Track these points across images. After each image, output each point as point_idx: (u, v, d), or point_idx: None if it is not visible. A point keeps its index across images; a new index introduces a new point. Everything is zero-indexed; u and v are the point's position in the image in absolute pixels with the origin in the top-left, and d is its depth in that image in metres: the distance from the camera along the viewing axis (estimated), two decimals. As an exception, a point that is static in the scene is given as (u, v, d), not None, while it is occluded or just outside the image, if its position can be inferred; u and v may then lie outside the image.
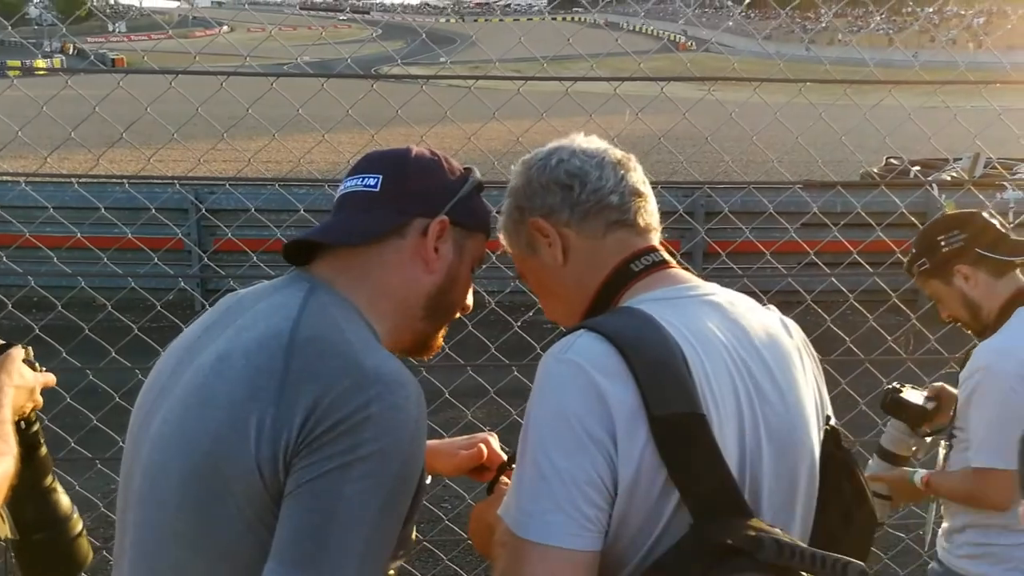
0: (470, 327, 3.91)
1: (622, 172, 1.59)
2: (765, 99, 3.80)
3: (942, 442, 2.87)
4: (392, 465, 1.27)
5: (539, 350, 3.45)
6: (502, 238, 1.69)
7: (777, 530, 1.26)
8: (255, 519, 1.27)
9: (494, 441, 1.91)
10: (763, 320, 1.52)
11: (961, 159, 8.96)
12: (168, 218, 5.47)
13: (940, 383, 2.96)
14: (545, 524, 1.27)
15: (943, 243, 2.70)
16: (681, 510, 1.28)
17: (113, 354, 4.01)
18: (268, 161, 15.16)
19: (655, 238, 1.61)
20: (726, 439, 1.33)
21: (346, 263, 1.50)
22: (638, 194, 1.59)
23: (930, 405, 2.87)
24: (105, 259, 4.48)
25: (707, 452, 1.29)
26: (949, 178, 9.33)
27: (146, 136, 4.05)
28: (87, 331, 3.97)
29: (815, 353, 1.62)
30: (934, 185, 7.22)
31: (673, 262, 1.58)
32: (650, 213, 1.61)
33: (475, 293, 1.72)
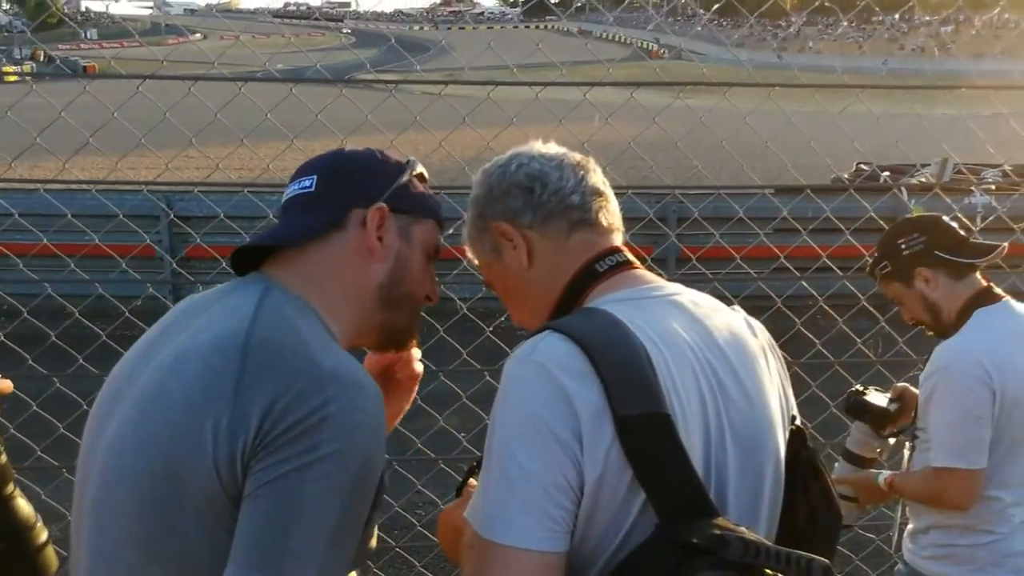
0: (442, 332, 3.91)
1: (582, 173, 1.60)
2: (736, 105, 3.84)
3: (907, 443, 2.90)
4: (351, 466, 1.26)
5: (512, 356, 3.41)
6: (467, 248, 1.69)
7: (742, 529, 1.27)
8: (214, 523, 1.26)
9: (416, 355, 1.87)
10: (728, 320, 1.52)
11: (929, 164, 9.07)
12: (139, 225, 5.42)
13: (903, 384, 3.00)
14: (512, 526, 1.27)
15: (904, 246, 2.75)
16: (647, 510, 1.29)
17: (80, 361, 3.97)
18: (240, 168, 15.10)
19: (618, 239, 1.62)
20: (691, 439, 1.33)
21: (294, 263, 1.50)
22: (599, 194, 1.60)
23: (892, 406, 2.91)
24: (72, 265, 4.43)
25: (673, 452, 1.30)
26: (918, 183, 9.43)
27: (117, 143, 4.01)
28: (53, 338, 3.93)
29: (781, 354, 1.63)
30: (903, 189, 7.30)
31: (637, 262, 1.59)
32: (612, 213, 1.62)
33: (448, 299, 1.72)
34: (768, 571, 1.21)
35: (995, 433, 2.58)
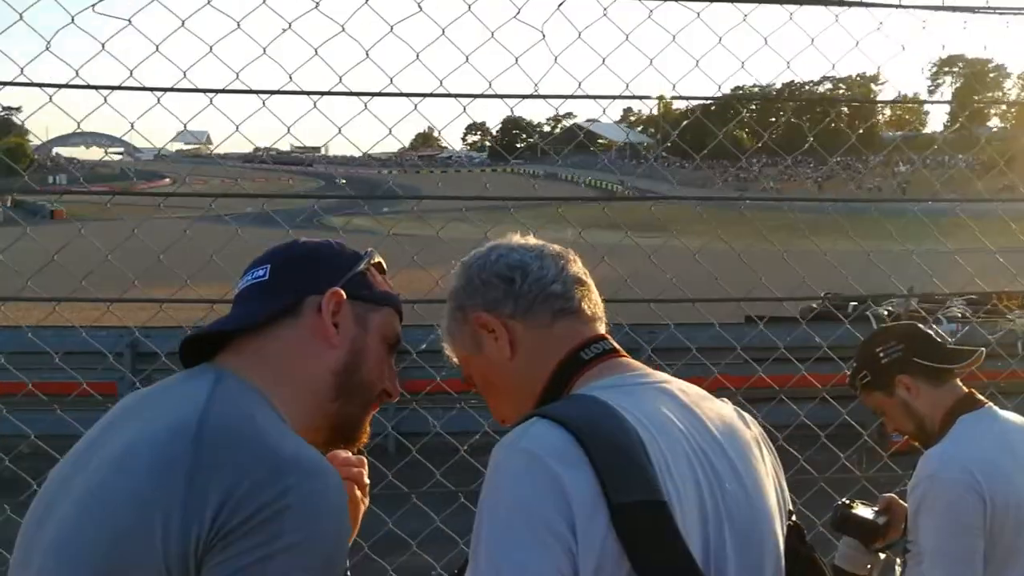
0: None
1: (562, 262, 1.58)
2: (686, 243, 3.86)
3: (897, 559, 2.77)
4: (315, 557, 1.18)
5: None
6: (446, 346, 1.65)
7: None
8: None
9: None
10: (718, 409, 1.48)
11: (894, 296, 9.28)
12: (101, 362, 5.34)
13: (890, 495, 2.88)
14: None
15: (882, 354, 2.71)
16: None
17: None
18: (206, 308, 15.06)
19: (602, 328, 1.59)
20: (689, 529, 1.27)
21: (246, 351, 1.44)
22: (581, 283, 1.58)
23: (881, 519, 2.79)
24: (58, 408, 4.32)
25: (671, 542, 1.24)
26: (886, 312, 9.58)
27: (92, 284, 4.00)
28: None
29: (773, 447, 1.58)
30: (872, 317, 7.39)
31: (623, 351, 1.55)
32: (595, 303, 1.59)
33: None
34: None
35: (987, 543, 2.47)
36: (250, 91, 2.95)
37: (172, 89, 2.99)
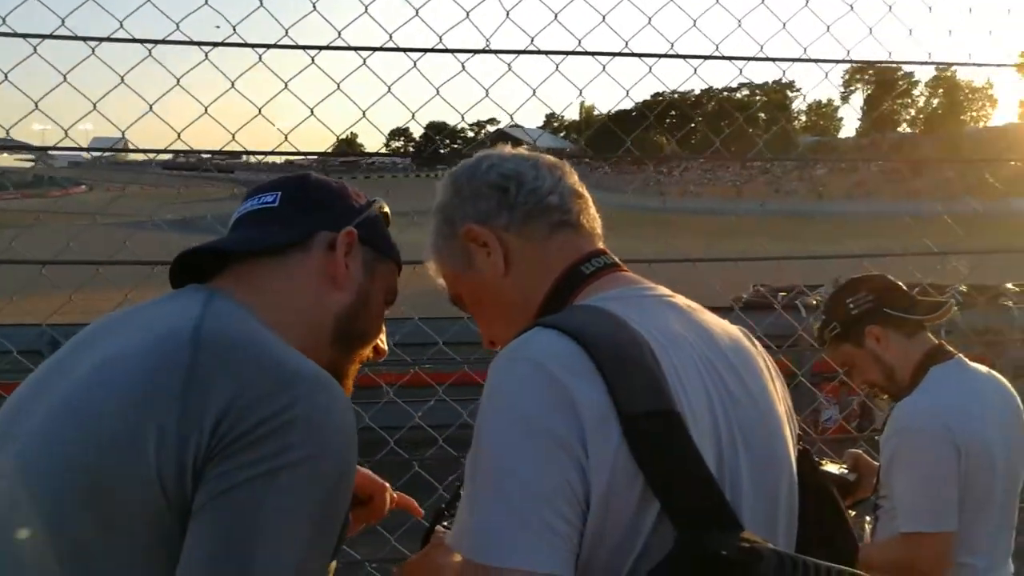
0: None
1: (559, 174, 1.47)
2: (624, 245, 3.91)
3: (867, 517, 2.72)
4: (324, 475, 1.09)
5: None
6: (431, 265, 1.53)
7: (770, 544, 1.12)
8: (155, 547, 1.06)
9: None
10: (726, 327, 1.39)
11: (823, 285, 9.51)
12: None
13: (856, 451, 2.81)
14: (509, 545, 1.09)
15: (852, 305, 2.68)
16: (662, 524, 1.12)
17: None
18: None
19: (600, 243, 1.49)
20: (703, 443, 1.17)
21: (244, 278, 1.32)
22: (579, 196, 1.48)
23: (851, 476, 2.70)
24: None
25: (687, 455, 1.14)
26: (815, 302, 9.82)
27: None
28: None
29: (779, 371, 1.48)
30: (801, 306, 7.53)
31: (624, 266, 1.45)
32: (593, 217, 1.49)
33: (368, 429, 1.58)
34: None
35: (960, 494, 2.45)
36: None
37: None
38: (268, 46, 2.96)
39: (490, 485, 1.13)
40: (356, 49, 2.98)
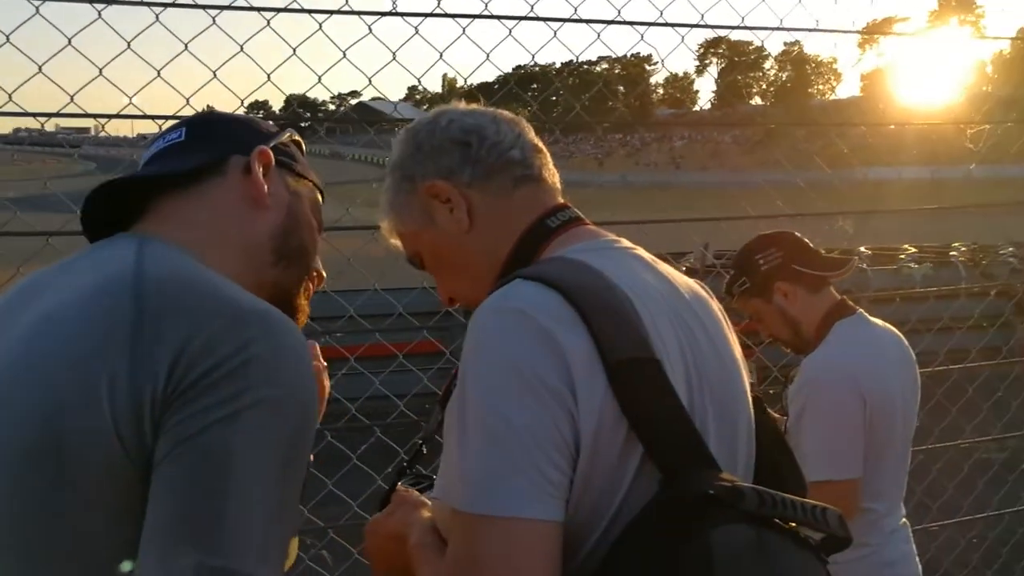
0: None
1: (518, 129, 1.46)
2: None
3: None
4: (288, 412, 1.04)
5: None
6: (386, 224, 1.51)
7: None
8: (116, 504, 1.02)
9: None
10: (686, 280, 1.41)
11: (692, 252, 9.87)
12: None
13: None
14: (504, 493, 1.08)
15: (761, 261, 2.74)
16: (645, 466, 1.13)
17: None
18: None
19: (560, 197, 1.48)
20: (678, 389, 1.19)
21: (168, 217, 1.27)
22: (539, 150, 1.47)
23: (788, 422, 2.75)
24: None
25: (668, 401, 1.16)
26: (684, 268, 10.17)
27: None
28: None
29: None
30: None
31: (587, 220, 1.45)
32: (553, 172, 1.48)
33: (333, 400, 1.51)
34: (780, 522, 1.12)
35: (865, 442, 2.55)
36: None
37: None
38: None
39: (482, 434, 1.12)
40: (206, 7, 2.82)
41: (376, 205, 1.54)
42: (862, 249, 10.68)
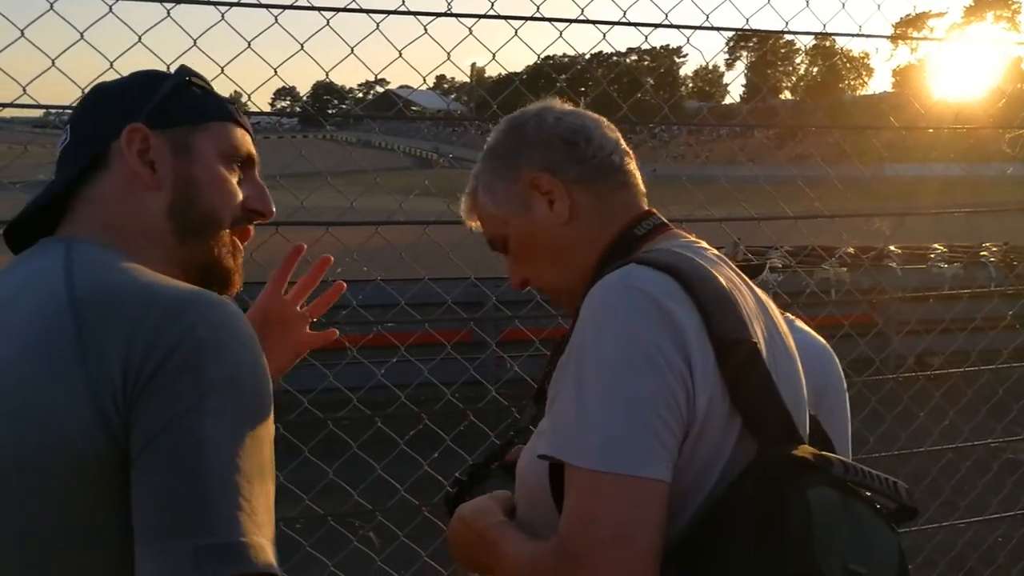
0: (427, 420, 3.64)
1: (615, 136, 1.55)
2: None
3: None
4: (244, 385, 1.07)
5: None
6: (467, 203, 1.59)
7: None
8: (101, 509, 1.04)
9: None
10: (762, 291, 1.49)
11: (724, 247, 9.87)
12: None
13: None
14: (629, 453, 1.16)
15: None
16: (744, 437, 1.24)
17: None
18: None
19: (646, 204, 1.56)
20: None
21: (79, 218, 1.27)
22: (630, 156, 1.55)
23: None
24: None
25: (765, 379, 1.27)
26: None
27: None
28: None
29: None
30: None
31: (672, 225, 1.53)
32: (640, 178, 1.57)
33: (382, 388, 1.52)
34: (860, 489, 1.24)
35: None
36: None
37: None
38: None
39: (608, 398, 1.19)
40: (215, 4, 2.78)
41: (375, 193, 1.55)
42: (892, 248, 10.63)
